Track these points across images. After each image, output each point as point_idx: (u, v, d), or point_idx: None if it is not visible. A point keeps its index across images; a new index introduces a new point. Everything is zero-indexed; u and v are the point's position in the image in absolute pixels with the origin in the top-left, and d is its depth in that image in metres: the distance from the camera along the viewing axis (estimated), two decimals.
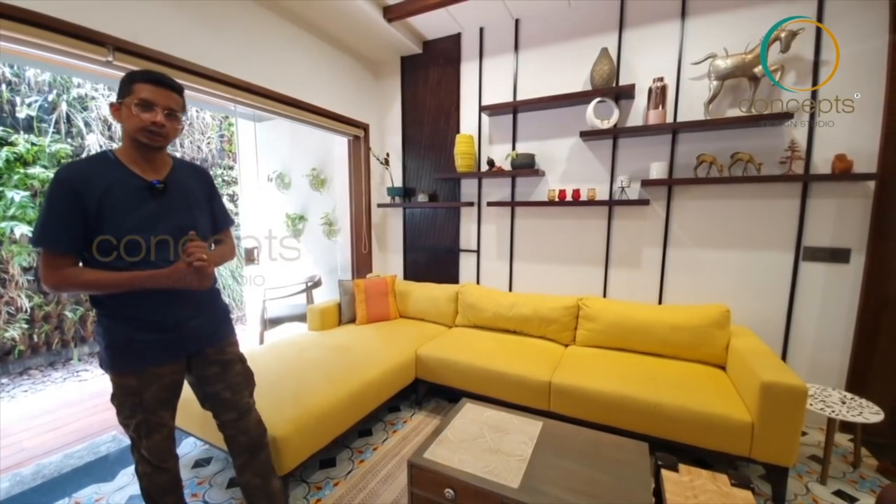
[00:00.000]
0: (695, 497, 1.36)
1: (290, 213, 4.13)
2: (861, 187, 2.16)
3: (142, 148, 1.22)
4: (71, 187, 1.11)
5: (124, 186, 1.18)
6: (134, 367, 1.23)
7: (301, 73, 2.80)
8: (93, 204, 1.12)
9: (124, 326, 1.21)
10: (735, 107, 2.37)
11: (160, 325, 1.25)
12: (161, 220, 1.23)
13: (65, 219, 1.11)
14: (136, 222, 1.18)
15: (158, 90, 1.18)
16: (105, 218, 1.14)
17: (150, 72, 1.21)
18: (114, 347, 1.21)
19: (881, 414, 1.85)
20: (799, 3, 2.18)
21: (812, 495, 1.83)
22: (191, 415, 1.94)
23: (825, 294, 2.29)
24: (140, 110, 1.16)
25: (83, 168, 1.17)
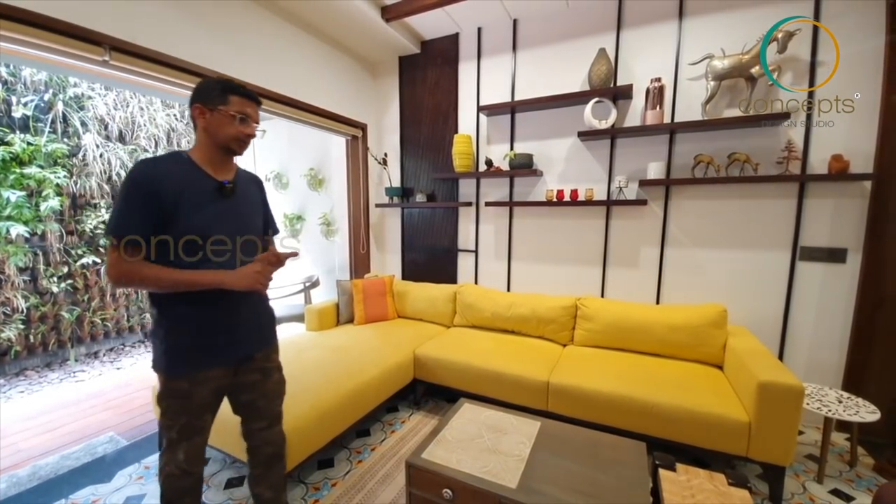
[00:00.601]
0: (692, 496, 1.37)
1: (287, 213, 4.12)
2: (857, 187, 2.17)
3: (224, 153, 1.28)
4: (149, 182, 1.13)
5: (198, 186, 1.22)
6: (189, 370, 1.23)
7: (299, 73, 2.79)
8: (169, 200, 1.15)
9: (184, 329, 1.23)
10: (732, 107, 2.38)
11: (217, 329, 1.27)
12: (226, 220, 1.27)
13: (140, 212, 1.12)
14: (206, 220, 1.22)
15: (252, 104, 1.27)
16: (177, 214, 1.16)
17: (244, 86, 1.26)
18: (172, 351, 1.22)
19: (878, 413, 1.86)
20: (796, 3, 2.19)
21: (809, 494, 1.83)
22: None
23: (822, 294, 2.30)
24: (240, 123, 1.24)
25: (161, 165, 1.20)
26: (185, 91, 2.24)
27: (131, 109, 4.15)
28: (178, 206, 1.16)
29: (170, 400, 1.25)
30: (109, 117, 3.99)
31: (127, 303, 4.15)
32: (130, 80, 2.06)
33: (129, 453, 2.16)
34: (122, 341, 4.16)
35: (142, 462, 2.08)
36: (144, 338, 4.33)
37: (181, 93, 2.29)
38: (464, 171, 3.04)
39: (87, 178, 3.81)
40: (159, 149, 4.40)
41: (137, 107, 4.20)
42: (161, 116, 4.41)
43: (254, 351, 1.38)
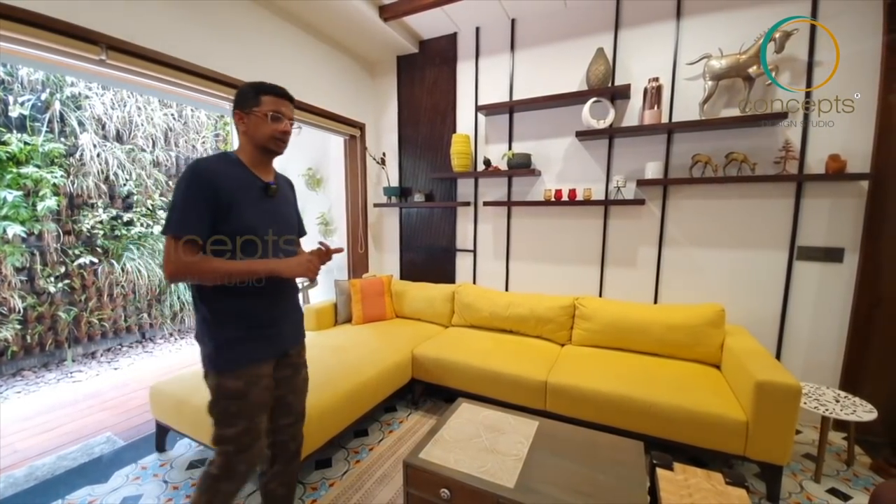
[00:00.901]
0: (689, 496, 1.37)
1: None
2: (855, 187, 2.18)
3: (265, 153, 1.31)
4: (208, 180, 1.17)
5: (249, 185, 1.27)
6: (242, 364, 1.24)
7: (297, 73, 2.79)
8: (225, 197, 1.19)
9: (233, 323, 1.24)
10: (729, 107, 2.38)
11: (265, 322, 1.29)
12: (272, 219, 1.30)
13: (200, 209, 1.15)
14: (255, 219, 1.25)
15: (285, 102, 1.29)
16: (231, 212, 1.20)
17: (275, 86, 1.28)
18: (223, 345, 1.23)
19: (874, 412, 1.86)
20: (793, 4, 2.19)
21: (806, 493, 1.84)
22: (184, 415, 1.94)
23: (819, 293, 2.31)
24: (272, 121, 1.25)
25: (217, 164, 1.24)
26: (183, 91, 2.24)
27: (128, 109, 4.14)
28: (232, 205, 1.20)
29: (225, 403, 1.23)
30: (107, 117, 3.98)
31: (124, 303, 4.13)
32: (128, 80, 2.05)
33: (126, 454, 2.15)
34: (120, 341, 4.15)
35: (139, 462, 2.07)
36: (142, 338, 4.32)
37: (179, 92, 2.28)
38: (462, 170, 3.04)
39: (85, 177, 3.79)
40: (157, 149, 4.39)
41: (135, 106, 4.19)
42: (159, 116, 4.40)
43: (290, 345, 1.40)
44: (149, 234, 4.27)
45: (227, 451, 1.24)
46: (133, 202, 4.22)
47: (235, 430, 1.22)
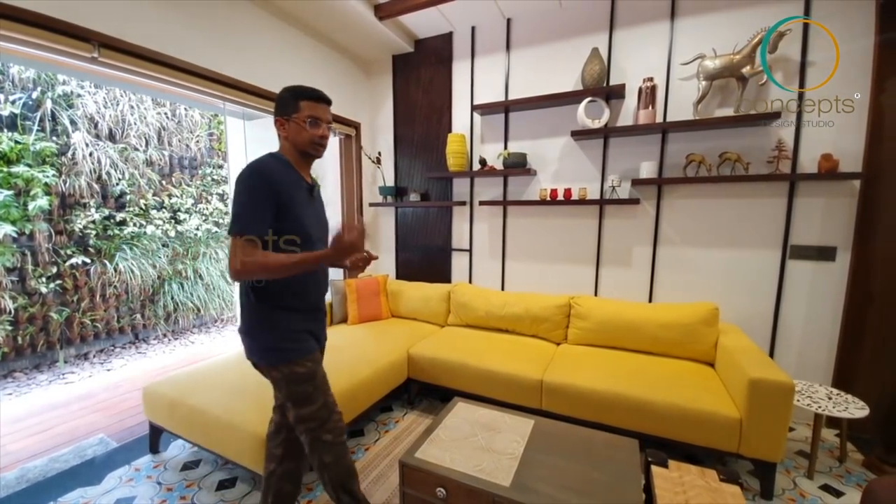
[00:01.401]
0: (684, 493, 1.37)
1: None
2: (847, 186, 2.20)
3: (305, 157, 1.38)
4: (269, 182, 1.25)
5: (299, 185, 1.35)
6: (309, 351, 1.37)
7: (291, 71, 2.77)
8: (284, 197, 1.26)
9: (293, 315, 1.35)
10: (723, 107, 2.40)
11: (313, 315, 1.43)
12: (314, 218, 1.40)
13: (262, 209, 1.23)
14: (307, 218, 1.35)
15: (322, 106, 1.34)
16: (288, 210, 1.28)
17: (312, 89, 1.33)
18: (290, 335, 1.34)
19: (866, 409, 1.88)
20: (787, 4, 2.21)
21: (799, 490, 1.85)
22: (178, 416, 1.92)
23: (812, 292, 2.33)
24: (311, 127, 1.31)
25: (274, 166, 1.30)
26: (177, 89, 2.22)
27: (121, 107, 4.11)
28: (290, 204, 1.28)
29: (301, 386, 1.34)
30: (99, 115, 3.95)
31: (117, 303, 4.10)
32: (120, 78, 2.03)
33: (118, 455, 2.13)
34: (112, 342, 4.12)
35: (132, 464, 2.06)
36: (135, 339, 4.28)
37: (173, 91, 2.27)
38: (458, 170, 3.04)
39: (77, 177, 3.76)
40: (150, 148, 4.35)
41: (127, 105, 4.15)
42: (152, 115, 4.37)
43: (324, 337, 1.54)
44: (142, 233, 4.23)
45: (310, 427, 1.37)
46: (126, 202, 4.18)
47: (316, 406, 1.36)
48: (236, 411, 1.79)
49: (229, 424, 1.75)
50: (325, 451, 1.39)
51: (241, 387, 1.99)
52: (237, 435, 1.72)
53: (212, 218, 4.89)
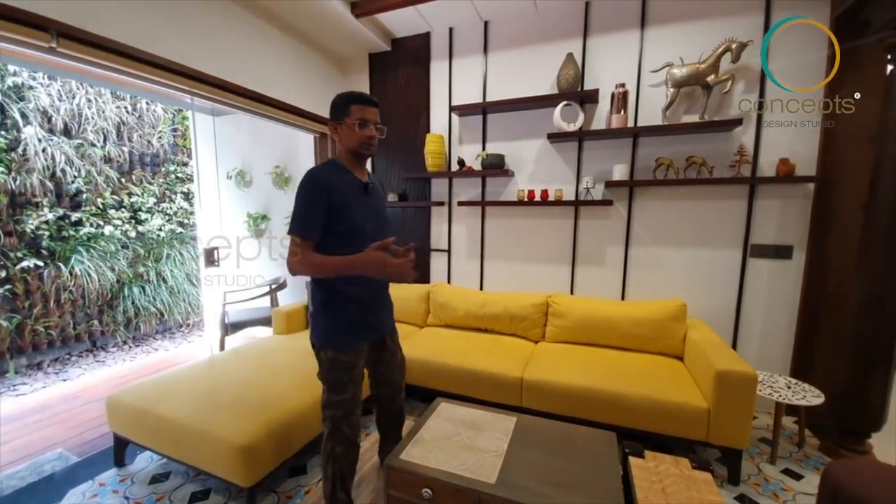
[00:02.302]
0: (660, 481, 1.44)
1: (251, 212, 3.97)
2: (802, 189, 2.35)
3: (358, 157, 1.49)
4: (323, 187, 1.37)
5: (352, 187, 1.45)
6: (354, 342, 1.49)
7: (263, 66, 2.70)
8: (337, 200, 1.39)
9: (348, 307, 1.47)
10: (690, 113, 2.52)
11: (370, 308, 1.53)
12: (372, 215, 1.50)
13: (316, 212, 1.36)
14: (361, 217, 1.45)
15: (370, 109, 1.44)
16: (341, 211, 1.40)
17: (361, 94, 1.44)
18: (341, 325, 1.47)
19: (822, 397, 2.02)
20: (749, 17, 2.34)
21: (764, 475, 1.97)
22: (145, 426, 1.83)
23: (770, 288, 2.47)
24: (360, 128, 1.42)
25: (328, 172, 1.43)
26: (141, 82, 2.12)
27: (78, 101, 3.87)
28: (343, 206, 1.40)
29: (337, 374, 1.48)
30: (53, 109, 3.70)
31: (73, 309, 3.85)
32: (80, 70, 1.93)
33: (81, 470, 2.01)
34: (69, 351, 3.86)
35: (96, 479, 1.94)
36: (93, 347, 4.04)
37: (137, 84, 2.16)
38: (436, 170, 3.05)
39: (28, 174, 3.50)
40: (108, 144, 4.11)
41: (85, 98, 3.91)
42: (111, 109, 4.13)
43: (387, 330, 1.65)
44: (99, 234, 3.99)
45: (335, 415, 1.50)
46: (82, 201, 3.93)
47: (347, 395, 1.49)
48: (209, 419, 1.72)
49: (202, 433, 1.68)
50: (338, 443, 1.51)
51: (214, 394, 1.92)
52: (210, 444, 1.66)
53: (176, 218, 4.66)
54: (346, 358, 1.48)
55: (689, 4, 2.45)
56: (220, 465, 1.64)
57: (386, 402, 1.77)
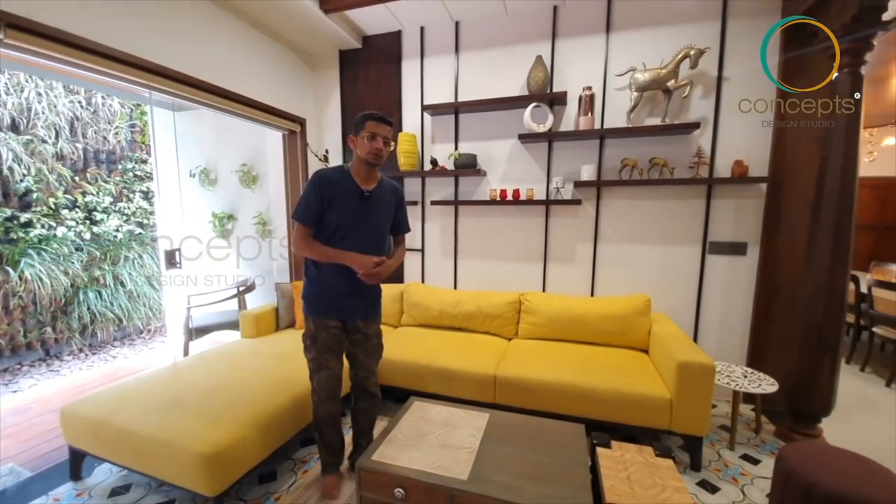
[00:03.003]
0: (626, 469, 1.49)
1: (217, 212, 3.84)
2: (755, 189, 2.49)
3: (367, 166, 1.71)
4: (320, 184, 1.66)
5: (347, 191, 1.70)
6: (315, 314, 1.76)
7: (228, 61, 2.61)
8: (328, 199, 1.67)
9: (321, 287, 1.75)
10: (652, 116, 2.62)
11: (335, 292, 1.74)
12: (362, 219, 1.72)
13: (314, 205, 1.66)
14: (346, 215, 1.69)
15: (381, 126, 1.66)
16: (329, 209, 1.67)
17: (375, 113, 1.67)
18: (311, 297, 1.77)
19: (776, 385, 2.15)
20: (707, 24, 2.46)
21: (723, 460, 2.07)
22: (103, 438, 1.75)
23: (727, 282, 2.61)
24: (369, 140, 1.65)
25: (332, 173, 1.70)
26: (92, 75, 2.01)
27: (27, 94, 3.63)
28: (333, 205, 1.67)
29: (305, 338, 1.80)
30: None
31: (23, 316, 3.61)
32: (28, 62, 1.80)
33: (34, 485, 1.89)
34: (19, 360, 3.62)
35: (50, 494, 1.83)
36: (46, 356, 3.80)
37: (88, 77, 2.05)
38: (409, 169, 3.04)
39: None
40: (61, 140, 3.88)
41: (34, 92, 3.67)
42: (63, 103, 3.90)
43: (359, 318, 1.82)
44: (51, 236, 3.76)
45: (309, 368, 1.81)
46: (32, 200, 3.69)
47: (311, 355, 1.79)
48: (172, 428, 1.66)
49: (164, 443, 1.61)
50: (313, 392, 1.84)
51: (177, 401, 1.85)
52: (173, 454, 1.59)
53: (134, 218, 4.43)
54: (312, 325, 1.77)
55: (650, 11, 2.55)
56: (185, 475, 1.58)
57: (362, 383, 1.92)
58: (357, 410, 1.97)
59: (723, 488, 1.87)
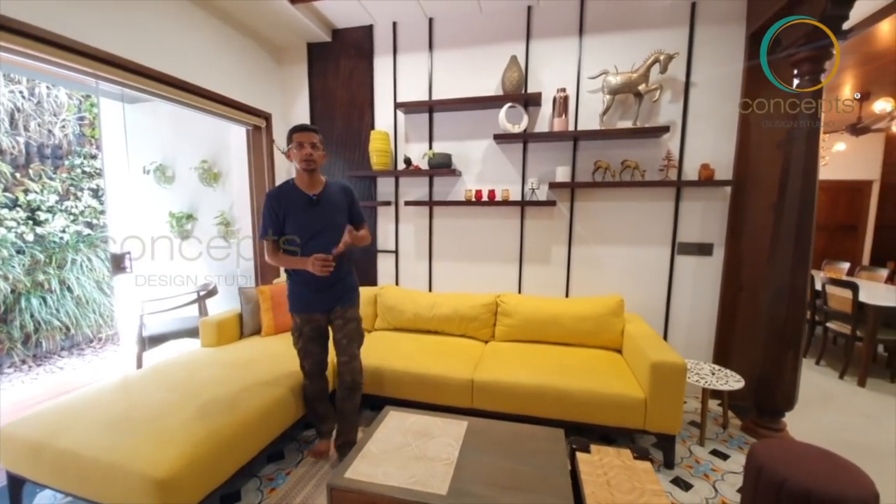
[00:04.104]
0: (605, 474, 1.48)
1: (174, 211, 3.60)
2: (720, 192, 2.56)
3: (304, 173, 1.89)
4: (270, 202, 1.89)
5: (297, 201, 1.89)
6: (297, 311, 2.00)
7: (188, 51, 2.44)
8: (282, 212, 1.89)
9: (299, 287, 1.97)
10: (624, 119, 2.65)
11: (308, 290, 1.95)
12: (315, 221, 1.90)
13: (271, 220, 1.90)
14: (300, 224, 1.89)
15: (305, 134, 1.84)
16: (286, 220, 1.89)
17: (298, 126, 1.87)
18: (292, 297, 2.00)
19: (742, 381, 2.22)
20: (676, 30, 2.50)
21: (695, 457, 2.12)
22: (45, 461, 1.58)
23: (695, 282, 2.68)
24: (298, 149, 1.84)
25: (279, 192, 1.92)
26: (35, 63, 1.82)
27: None
28: (288, 216, 1.89)
29: (294, 332, 2.05)
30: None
31: None
32: None
33: None
34: None
35: None
36: None
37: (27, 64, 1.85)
38: (382, 168, 2.95)
39: None
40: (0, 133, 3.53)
41: None
42: (3, 94, 3.55)
43: (331, 307, 1.99)
44: None
45: (300, 358, 2.07)
46: None
47: (299, 346, 2.04)
48: (122, 449, 1.51)
49: (113, 467, 1.46)
50: (304, 376, 2.10)
51: (127, 419, 1.69)
52: (124, 478, 1.44)
53: (83, 218, 4.10)
54: (297, 320, 2.02)
55: (622, 15, 2.57)
56: (136, 500, 1.44)
57: (343, 369, 2.04)
58: (340, 398, 2.07)
59: (696, 485, 1.90)
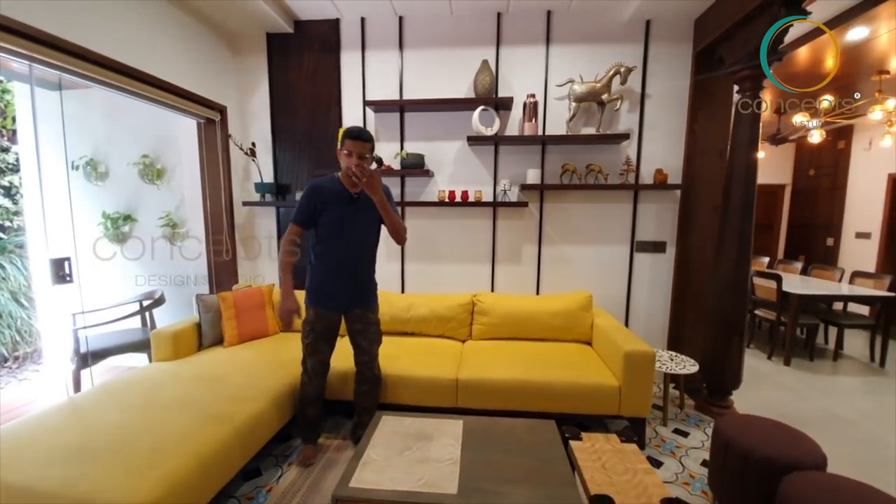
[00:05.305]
0: (599, 458, 1.57)
1: (108, 211, 3.20)
2: (672, 194, 2.83)
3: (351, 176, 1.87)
4: (312, 191, 1.91)
5: (336, 195, 1.91)
6: (314, 304, 1.96)
7: (129, 32, 2.18)
8: (320, 204, 1.90)
9: (317, 279, 1.96)
10: (588, 125, 2.82)
11: (329, 284, 1.95)
12: (351, 217, 1.93)
13: (306, 210, 1.90)
14: (336, 217, 1.91)
15: (356, 143, 1.83)
16: (322, 212, 1.90)
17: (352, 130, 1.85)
18: (311, 288, 1.97)
19: (697, 365, 2.46)
20: (634, 45, 2.72)
21: (661, 437, 2.31)
22: None
23: (651, 277, 2.93)
24: (346, 157, 1.84)
25: (323, 182, 1.94)
26: None
27: None
28: (324, 209, 1.90)
29: (305, 324, 2.00)
30: None
31: None
32: None
33: None
34: None
35: None
36: None
37: None
38: None
39: None
40: None
41: None
42: None
43: (351, 307, 2.00)
44: None
45: (303, 353, 2.03)
46: None
47: (307, 341, 1.99)
48: (87, 481, 1.31)
49: (81, 500, 1.28)
50: (304, 372, 2.06)
51: (84, 448, 1.48)
52: None
53: None
54: (312, 314, 1.96)
55: (585, 29, 2.75)
56: None
57: (364, 367, 2.08)
58: (360, 392, 2.12)
59: (665, 462, 2.08)
